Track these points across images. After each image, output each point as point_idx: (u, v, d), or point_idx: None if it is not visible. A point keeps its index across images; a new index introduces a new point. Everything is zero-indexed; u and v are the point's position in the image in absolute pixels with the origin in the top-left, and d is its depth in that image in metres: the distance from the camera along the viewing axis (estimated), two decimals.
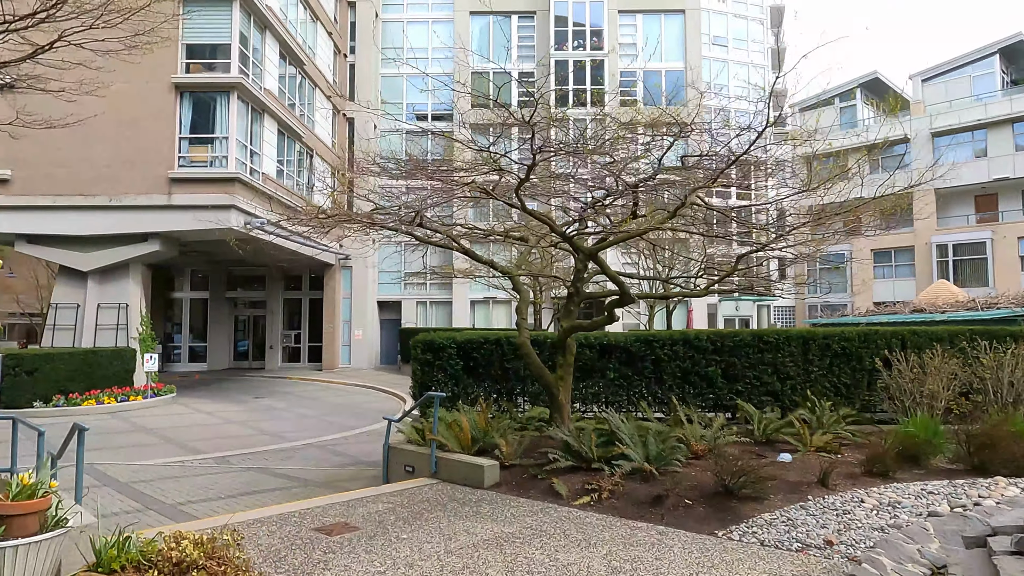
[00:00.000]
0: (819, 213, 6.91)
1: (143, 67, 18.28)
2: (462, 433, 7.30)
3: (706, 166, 7.23)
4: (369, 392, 22.04)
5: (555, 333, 9.90)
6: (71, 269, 18.65)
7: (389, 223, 9.20)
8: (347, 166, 30.75)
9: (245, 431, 14.27)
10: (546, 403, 9.39)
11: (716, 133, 7.25)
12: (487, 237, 10.58)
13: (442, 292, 30.54)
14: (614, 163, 7.22)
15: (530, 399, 9.68)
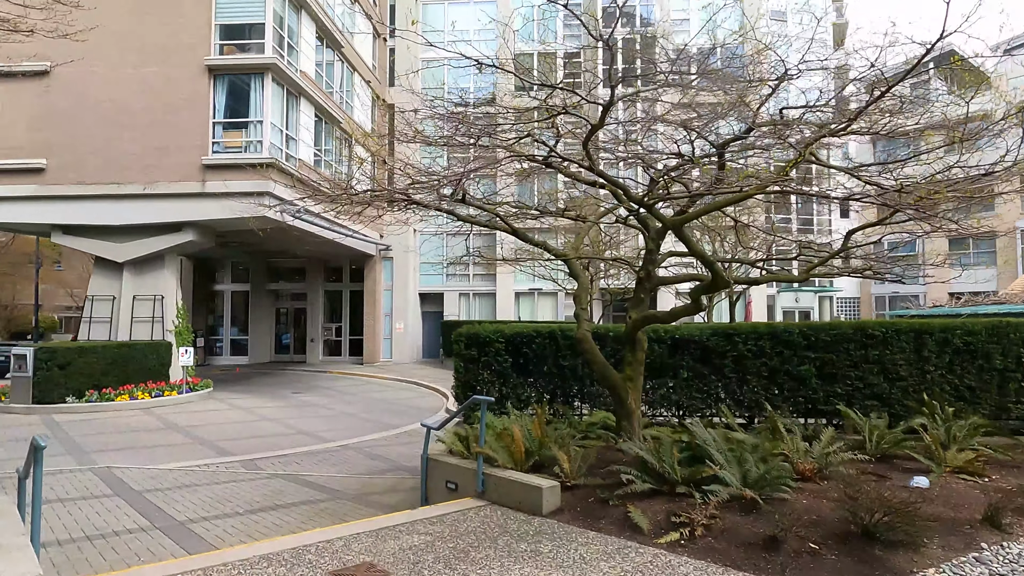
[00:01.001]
0: (973, 180, 5.41)
1: (176, 50, 17.66)
2: (514, 445, 6.09)
3: (813, 122, 5.82)
4: (410, 388, 21.09)
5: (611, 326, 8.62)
6: (106, 260, 18.15)
7: (428, 199, 8.02)
8: (388, 153, 29.94)
9: (279, 430, 13.40)
10: (609, 406, 8.11)
11: (835, 72, 5.83)
12: (539, 217, 9.26)
13: (485, 283, 29.43)
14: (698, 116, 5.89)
15: (589, 401, 8.41)
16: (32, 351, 14.77)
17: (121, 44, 17.72)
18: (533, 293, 28.90)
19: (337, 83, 22.86)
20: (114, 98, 17.63)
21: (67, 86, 17.79)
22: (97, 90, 17.68)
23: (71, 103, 17.74)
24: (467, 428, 6.90)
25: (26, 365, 14.73)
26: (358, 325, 28.64)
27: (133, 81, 17.61)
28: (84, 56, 17.87)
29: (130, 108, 17.56)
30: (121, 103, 17.59)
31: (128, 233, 17.80)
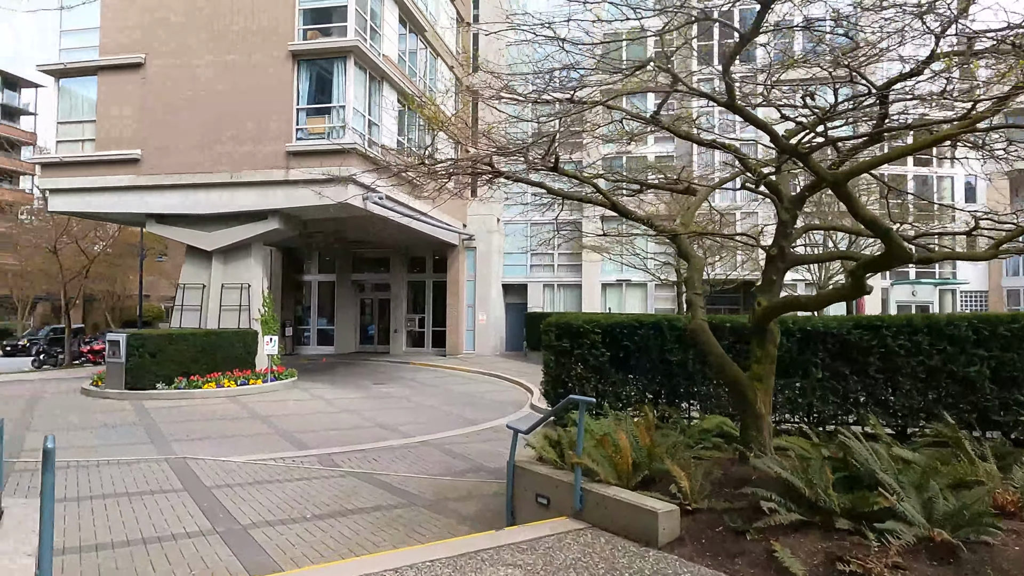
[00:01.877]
0: None
1: (261, 36, 17.55)
2: (619, 455, 5.03)
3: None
4: (494, 381, 20.34)
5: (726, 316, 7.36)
6: (197, 249, 18.38)
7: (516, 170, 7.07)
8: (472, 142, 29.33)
9: (358, 422, 12.89)
10: (725, 409, 6.89)
11: None
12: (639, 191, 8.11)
13: (570, 275, 28.32)
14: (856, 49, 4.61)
15: (699, 403, 7.22)
16: (125, 337, 14.98)
17: (208, 33, 17.81)
18: (621, 284, 27.53)
19: (420, 69, 22.35)
20: (204, 88, 17.75)
21: (160, 77, 18.08)
22: (188, 81, 17.86)
23: (163, 94, 18.01)
24: (560, 431, 5.89)
25: (119, 351, 14.96)
26: (441, 316, 28.23)
27: (220, 70, 17.66)
28: (176, 48, 18.18)
29: (218, 97, 17.63)
30: (209, 92, 17.69)
31: (217, 222, 17.92)
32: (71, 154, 18.57)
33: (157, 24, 18.16)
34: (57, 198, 18.80)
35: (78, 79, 18.78)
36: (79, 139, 18.78)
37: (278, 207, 17.35)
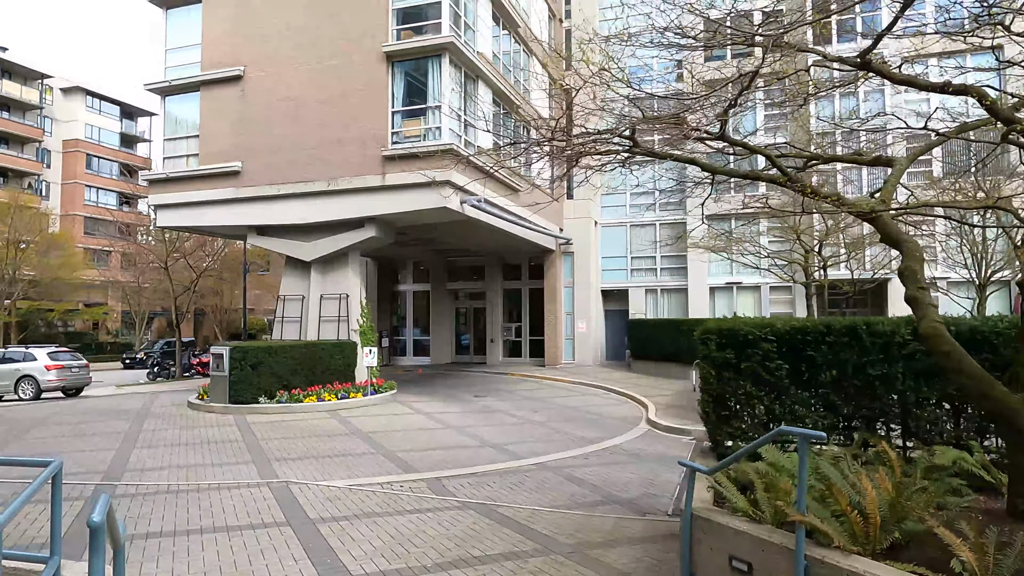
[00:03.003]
0: None
1: (353, 40, 17.11)
2: (861, 511, 3.62)
3: None
4: (601, 393, 18.97)
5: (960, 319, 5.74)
6: (295, 260, 18.15)
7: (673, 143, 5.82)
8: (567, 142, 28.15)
9: (464, 440, 11.90)
10: (950, 439, 5.29)
11: None
12: (814, 164, 6.62)
13: (675, 278, 26.53)
14: None
15: (914, 431, 5.63)
16: (228, 350, 14.75)
17: (302, 41, 17.59)
18: (731, 287, 25.49)
19: (514, 66, 21.44)
20: (297, 96, 17.52)
21: (257, 88, 18.03)
22: (283, 89, 17.70)
23: (261, 105, 17.94)
24: (748, 468, 4.52)
25: (223, 364, 14.74)
26: (538, 325, 27.16)
27: (314, 77, 17.38)
28: (272, 57, 18.09)
29: (312, 105, 17.35)
30: (304, 100, 17.44)
31: (314, 231, 17.61)
32: (176, 170, 18.85)
33: (254, 36, 18.14)
34: (164, 213, 19.13)
35: (182, 96, 19.08)
36: (183, 154, 19.06)
37: (375, 214, 16.81)
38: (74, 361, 22.26)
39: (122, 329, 53.30)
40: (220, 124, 18.35)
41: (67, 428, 13.12)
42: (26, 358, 21.37)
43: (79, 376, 22.16)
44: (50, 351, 22.25)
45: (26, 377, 20.85)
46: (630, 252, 27.10)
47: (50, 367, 21.10)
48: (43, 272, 40.84)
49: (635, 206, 27.16)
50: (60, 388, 21.36)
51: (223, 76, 18.22)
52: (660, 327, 22.95)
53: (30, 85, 52.41)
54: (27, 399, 20.46)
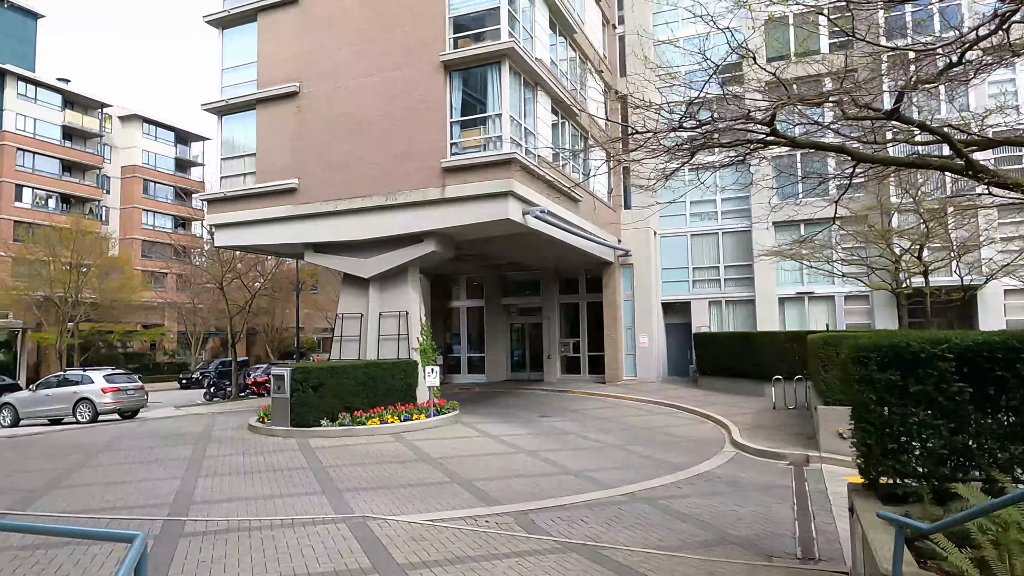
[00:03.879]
0: None
1: (410, 51, 16.66)
2: None
3: None
4: (671, 412, 17.91)
5: None
6: (353, 277, 17.72)
7: None
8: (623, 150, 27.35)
9: (541, 467, 11.08)
10: None
11: None
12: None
13: (740, 289, 25.27)
14: None
15: None
16: (289, 371, 14.29)
17: (357, 55, 17.26)
18: (802, 298, 24.11)
19: (571, 73, 20.75)
20: (354, 110, 17.17)
21: (313, 104, 17.77)
22: (339, 104, 17.38)
23: (318, 120, 17.65)
24: (977, 531, 3.57)
25: (284, 386, 14.28)
26: (597, 340, 26.20)
27: (370, 90, 17.00)
28: (328, 72, 17.81)
29: (369, 118, 16.96)
30: (361, 114, 17.07)
31: (372, 248, 17.14)
32: (233, 189, 18.69)
33: (309, 51, 17.91)
34: (222, 233, 18.98)
35: (238, 115, 18.97)
36: (240, 173, 18.91)
37: (434, 228, 16.24)
38: (129, 383, 22.29)
39: (178, 349, 54.28)
40: (276, 141, 18.14)
41: (131, 454, 12.78)
42: (83, 381, 21.47)
43: (135, 398, 22.18)
44: (106, 373, 22.33)
45: (83, 400, 20.92)
46: (691, 263, 25.97)
47: (106, 389, 21.15)
48: (103, 294, 41.80)
49: (695, 215, 26.08)
50: (116, 410, 21.40)
51: (279, 93, 18.02)
52: (730, 341, 21.75)
53: (91, 114, 54.27)
54: (84, 422, 20.48)
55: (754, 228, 24.47)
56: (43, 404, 21.13)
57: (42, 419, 21.26)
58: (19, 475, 10.92)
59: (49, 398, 21.13)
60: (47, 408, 21.10)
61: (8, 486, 9.97)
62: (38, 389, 21.61)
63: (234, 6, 18.91)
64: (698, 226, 25.98)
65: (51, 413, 21.14)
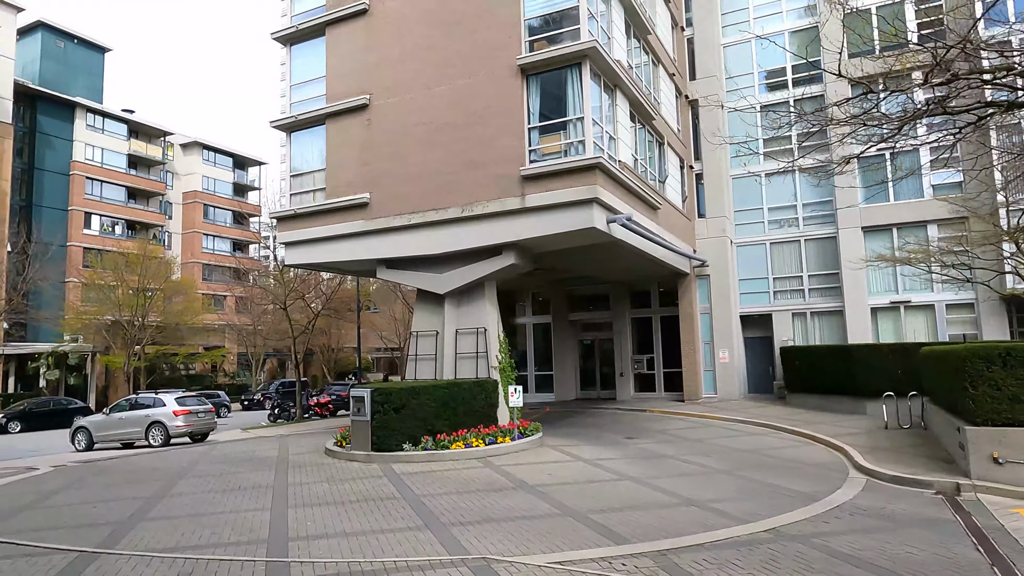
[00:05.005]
0: None
1: (484, 56, 15.99)
2: None
3: None
4: (768, 433, 16.58)
5: None
6: (428, 293, 17.04)
7: None
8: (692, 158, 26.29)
9: (653, 495, 10.03)
10: None
11: None
12: None
13: (827, 299, 23.69)
14: None
15: None
16: (369, 392, 13.59)
17: (429, 64, 16.72)
18: (897, 307, 22.40)
19: (645, 76, 19.83)
20: (426, 120, 16.59)
21: (383, 116, 17.28)
22: (411, 114, 16.84)
23: (389, 132, 17.14)
24: None
25: (364, 408, 13.59)
26: (672, 356, 24.95)
27: (443, 98, 16.41)
28: (397, 83, 17.32)
29: (442, 127, 16.35)
30: (433, 124, 16.47)
31: (447, 262, 16.44)
32: (303, 205, 18.32)
33: (378, 63, 17.48)
34: (293, 251, 18.60)
35: (307, 131, 18.66)
36: (310, 190, 18.54)
37: (513, 239, 15.44)
38: (199, 406, 22.05)
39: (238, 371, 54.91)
40: (346, 156, 17.71)
41: (211, 481, 12.22)
42: (155, 404, 21.30)
43: (205, 421, 21.93)
44: (178, 396, 22.15)
45: (156, 423, 20.73)
46: (771, 272, 24.53)
47: (178, 412, 20.92)
48: (168, 317, 42.49)
49: (774, 222, 24.69)
50: (187, 434, 21.17)
51: (348, 106, 17.62)
52: (823, 355, 20.25)
53: (154, 143, 55.91)
54: (156, 445, 20.27)
55: (841, 233, 22.95)
56: (117, 428, 21.03)
57: (115, 443, 21.17)
58: (104, 505, 10.43)
59: (123, 421, 21.02)
60: (121, 432, 20.99)
61: (95, 518, 9.44)
62: (111, 412, 21.56)
63: (302, 21, 18.68)
64: (778, 233, 24.57)
65: (124, 437, 21.03)
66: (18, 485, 13.21)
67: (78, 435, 21.11)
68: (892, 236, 22.39)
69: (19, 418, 29.84)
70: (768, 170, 24.73)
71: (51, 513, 10.04)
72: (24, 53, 47.92)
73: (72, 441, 21.15)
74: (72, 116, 49.05)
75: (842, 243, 22.91)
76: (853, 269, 22.31)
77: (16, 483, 13.49)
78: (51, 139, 47.65)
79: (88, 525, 9.01)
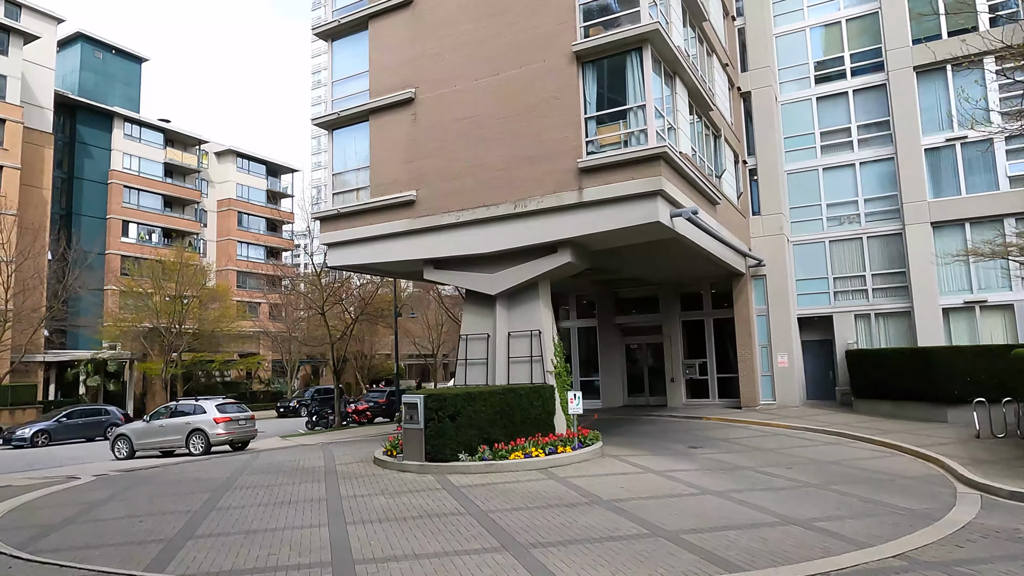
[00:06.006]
0: None
1: (536, 45, 15.16)
2: None
3: None
4: (844, 442, 15.42)
5: None
6: (478, 294, 16.22)
7: None
8: (745, 152, 25.15)
9: (743, 511, 9.03)
10: None
11: None
12: None
13: (893, 300, 22.32)
14: None
15: None
16: (422, 399, 12.79)
17: (478, 54, 15.96)
18: (972, 307, 20.96)
19: (700, 67, 18.83)
20: (475, 112, 15.82)
21: (430, 110, 16.56)
22: (458, 107, 16.09)
23: (435, 127, 16.41)
24: None
25: (417, 415, 12.78)
26: (726, 360, 23.80)
27: (491, 90, 15.63)
28: (444, 76, 16.60)
29: (492, 121, 15.56)
30: (483, 117, 15.69)
31: (498, 261, 15.62)
32: (347, 205, 17.67)
33: (425, 55, 16.77)
34: (335, 252, 17.96)
35: (350, 128, 18.02)
36: (353, 188, 17.90)
37: (569, 236, 14.55)
38: (240, 413, 21.52)
39: (272, 377, 54.77)
40: (391, 152, 17.02)
41: (260, 493, 11.51)
42: (196, 411, 20.80)
43: (246, 429, 21.40)
44: (218, 403, 21.64)
45: (196, 431, 20.22)
46: (831, 272, 23.24)
47: (219, 420, 20.41)
48: (204, 324, 42.42)
49: (833, 218, 23.42)
50: (227, 442, 20.65)
51: (393, 101, 16.94)
52: (897, 358, 18.93)
53: (189, 151, 56.28)
54: (197, 454, 19.75)
55: (907, 229, 21.61)
56: (157, 435, 20.57)
57: (155, 451, 20.73)
58: (150, 519, 9.76)
59: (163, 429, 20.57)
60: (161, 439, 20.53)
61: (144, 535, 8.75)
62: (152, 420, 21.12)
63: (344, 15, 18.09)
64: (837, 231, 23.28)
65: (165, 444, 20.57)
66: (59, 496, 12.68)
67: (119, 443, 20.71)
68: (964, 231, 21.00)
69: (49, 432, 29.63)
70: (827, 164, 23.51)
71: (95, 528, 9.40)
72: (64, 64, 48.58)
73: (112, 449, 20.72)
74: (110, 126, 49.55)
75: (909, 239, 21.57)
76: (922, 267, 20.97)
77: (57, 493, 12.98)
78: (90, 148, 48.14)
79: (135, 543, 8.31)
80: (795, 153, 24.16)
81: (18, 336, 33.46)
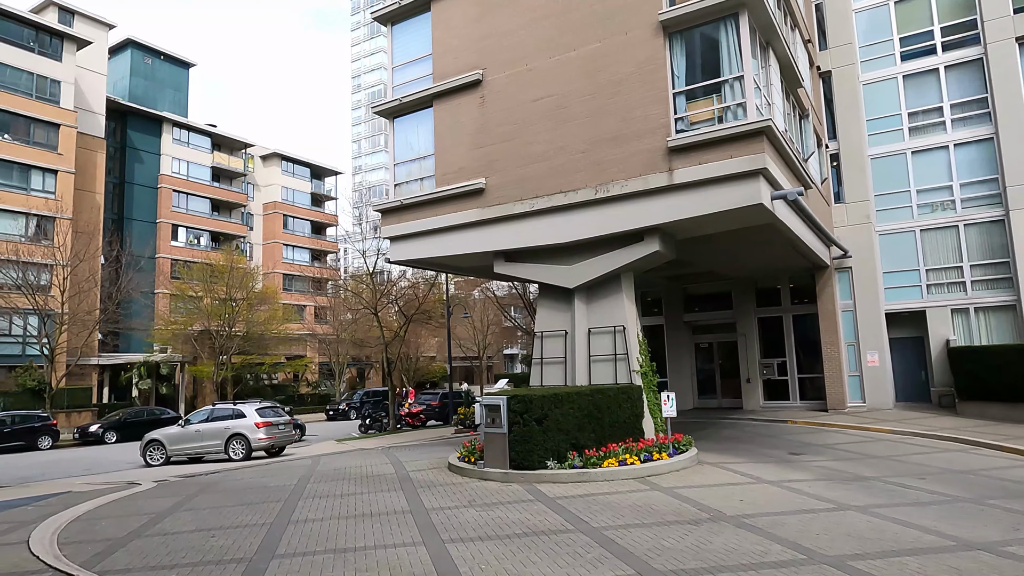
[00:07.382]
0: None
1: (617, 15, 13.92)
2: None
3: None
4: (968, 449, 13.81)
5: None
6: (554, 288, 15.08)
7: None
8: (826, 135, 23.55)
9: (902, 531, 7.66)
10: None
11: None
12: None
13: (996, 292, 20.42)
14: None
15: None
16: (505, 400, 11.67)
17: (551, 29, 14.84)
18: None
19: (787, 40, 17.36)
20: (551, 92, 14.70)
21: (499, 91, 15.50)
22: (532, 88, 14.99)
23: (506, 110, 15.35)
24: None
25: (500, 419, 11.68)
26: (809, 360, 22.17)
27: (570, 67, 14.48)
28: (514, 55, 15.52)
29: (570, 99, 14.42)
30: (559, 96, 14.56)
31: (577, 252, 14.46)
32: (410, 196, 16.72)
33: (492, 34, 15.74)
34: (398, 246, 17.03)
35: (412, 115, 17.10)
36: (416, 178, 16.94)
37: (658, 222, 13.30)
38: (278, 418, 20.75)
39: (320, 380, 54.52)
40: (458, 139, 16.02)
41: (336, 503, 10.54)
42: (235, 415, 20.05)
43: (286, 434, 20.66)
44: (258, 407, 20.88)
45: (237, 436, 19.47)
46: (923, 263, 21.44)
47: (260, 424, 19.66)
48: (252, 327, 42.23)
49: (924, 205, 21.61)
50: (267, 447, 19.92)
51: (459, 84, 15.94)
52: (1011, 356, 17.14)
53: (236, 155, 56.54)
54: (237, 460, 18.99)
55: (1012, 215, 19.73)
56: (193, 441, 19.78)
57: (188, 457, 19.93)
58: (222, 533, 8.85)
59: (199, 434, 19.78)
60: (198, 445, 19.74)
61: (220, 552, 7.81)
62: (187, 424, 20.36)
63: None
64: (929, 219, 21.47)
65: (202, 450, 19.79)
66: (122, 503, 11.94)
67: (150, 449, 19.76)
68: None
69: (115, 428, 29.59)
70: (916, 147, 21.73)
71: (164, 543, 8.50)
72: (115, 70, 49.17)
73: (143, 455, 19.70)
74: (160, 131, 49.97)
75: (1014, 226, 19.68)
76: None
77: (120, 501, 12.25)
78: (140, 153, 48.59)
79: (212, 562, 7.37)
80: (879, 136, 22.42)
81: (73, 339, 33.58)
